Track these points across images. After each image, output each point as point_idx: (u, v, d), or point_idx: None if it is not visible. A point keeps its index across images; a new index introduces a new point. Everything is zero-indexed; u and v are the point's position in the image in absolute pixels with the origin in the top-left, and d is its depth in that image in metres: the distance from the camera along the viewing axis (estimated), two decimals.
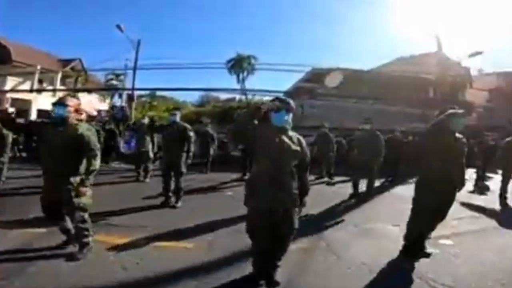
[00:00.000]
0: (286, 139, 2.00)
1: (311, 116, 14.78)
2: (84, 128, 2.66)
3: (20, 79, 19.45)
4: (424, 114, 18.49)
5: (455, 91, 18.28)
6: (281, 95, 20.56)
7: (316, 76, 17.07)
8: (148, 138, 6.63)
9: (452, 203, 2.96)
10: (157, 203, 4.66)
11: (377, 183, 6.18)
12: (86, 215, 2.70)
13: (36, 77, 19.29)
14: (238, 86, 23.22)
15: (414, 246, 3.04)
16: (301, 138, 2.14)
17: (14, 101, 17.63)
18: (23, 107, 17.62)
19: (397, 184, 7.46)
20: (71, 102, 2.69)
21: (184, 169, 4.57)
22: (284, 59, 55.26)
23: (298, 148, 2.04)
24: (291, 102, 2.07)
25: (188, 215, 4.21)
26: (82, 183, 2.59)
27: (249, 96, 22.14)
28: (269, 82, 50.03)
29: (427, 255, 3.01)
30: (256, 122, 2.10)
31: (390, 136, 7.98)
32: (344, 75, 16.17)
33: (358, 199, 5.44)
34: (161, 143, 5.39)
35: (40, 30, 39.92)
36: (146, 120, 7.51)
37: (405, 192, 6.66)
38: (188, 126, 4.69)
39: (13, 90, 18.24)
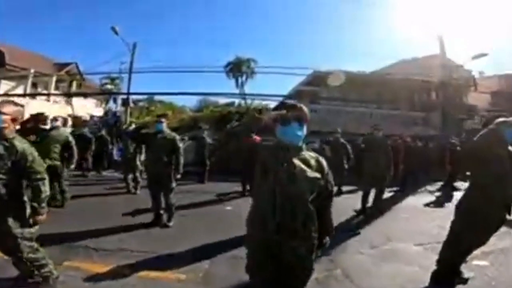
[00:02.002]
0: (298, 163, 1.39)
1: (313, 120, 14.30)
2: (24, 144, 2.14)
3: (13, 83, 18.99)
4: (428, 118, 18.22)
5: (459, 94, 17.92)
6: (281, 99, 20.23)
7: (318, 79, 16.65)
8: (134, 145, 6.05)
9: (500, 227, 2.48)
10: (147, 220, 4.13)
11: (387, 193, 5.70)
12: (34, 244, 2.24)
13: (30, 81, 18.83)
14: (237, 91, 22.84)
15: (447, 271, 2.62)
16: (321, 159, 1.51)
17: None
18: None
19: (407, 194, 6.97)
20: (8, 109, 2.14)
21: (173, 185, 4.07)
22: (284, 62, 55.01)
23: (317, 174, 1.41)
24: (305, 109, 1.46)
25: (181, 236, 3.69)
26: (35, 212, 2.12)
27: (249, 101, 21.70)
28: (269, 86, 49.55)
29: (464, 281, 2.62)
30: (254, 136, 1.54)
31: (399, 142, 7.49)
32: (347, 78, 15.74)
33: (367, 214, 4.92)
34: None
35: (39, 34, 39.60)
36: (132, 127, 6.95)
37: (417, 202, 6.37)
38: (176, 136, 4.20)
39: (5, 94, 17.73)
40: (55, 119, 4.64)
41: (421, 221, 4.73)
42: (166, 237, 3.66)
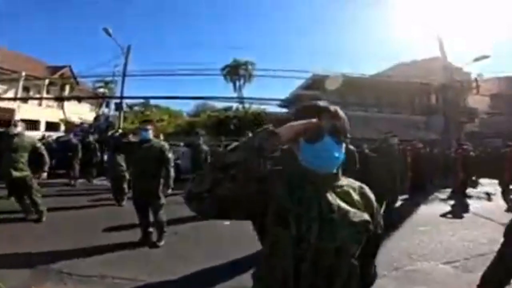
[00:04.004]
0: (337, 201, 0.87)
1: None
2: None
3: (5, 87, 18.41)
4: (429, 121, 17.90)
5: (461, 97, 17.66)
6: (279, 103, 19.80)
7: (317, 82, 16.29)
8: (121, 154, 5.46)
9: None
10: (133, 238, 3.59)
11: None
12: None
13: (21, 84, 18.25)
14: (235, 95, 22.43)
15: None
16: (366, 189, 0.98)
17: None
18: (5, 117, 16.49)
19: (418, 204, 6.49)
20: None
21: (162, 201, 3.53)
22: (283, 65, 54.87)
23: (365, 215, 0.90)
24: (342, 113, 0.92)
25: (173, 259, 3.16)
26: None
27: (246, 105, 21.26)
28: (268, 90, 49.33)
29: None
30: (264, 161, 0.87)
31: (407, 148, 7.06)
32: (347, 82, 15.41)
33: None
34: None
35: (33, 36, 39.02)
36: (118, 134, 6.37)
37: (432, 212, 5.89)
38: (165, 144, 3.66)
39: None
40: (14, 125, 4.04)
41: (442, 235, 4.27)
42: (156, 260, 3.11)
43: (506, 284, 2.29)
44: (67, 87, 20.99)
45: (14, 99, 17.86)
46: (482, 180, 9.30)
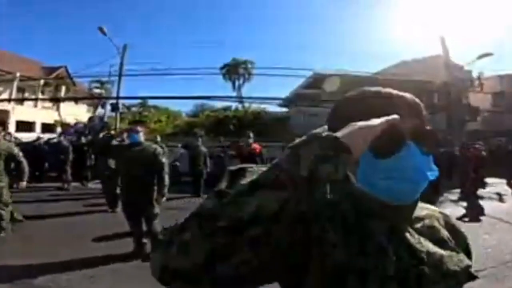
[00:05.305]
0: (424, 244, 0.51)
1: (313, 126, 13.62)
2: None
3: (0, 88, 18.09)
4: (432, 120, 17.65)
5: (463, 95, 17.49)
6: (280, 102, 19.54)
7: (318, 81, 16.02)
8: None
9: None
10: (126, 250, 3.25)
11: None
12: None
13: (15, 85, 17.91)
14: (234, 94, 22.19)
15: None
16: (451, 217, 0.66)
17: None
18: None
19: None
20: None
21: (156, 210, 3.15)
22: (283, 65, 54.68)
23: (464, 260, 0.57)
24: (422, 105, 0.58)
25: None
26: None
27: (246, 104, 21.01)
28: (268, 89, 49.01)
29: None
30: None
31: None
32: (347, 80, 15.17)
33: None
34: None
35: (28, 36, 38.77)
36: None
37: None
38: (158, 148, 3.29)
39: None
40: None
41: None
42: (149, 274, 2.74)
43: None
44: (63, 88, 20.64)
45: (9, 100, 17.52)
46: (489, 180, 9.06)
